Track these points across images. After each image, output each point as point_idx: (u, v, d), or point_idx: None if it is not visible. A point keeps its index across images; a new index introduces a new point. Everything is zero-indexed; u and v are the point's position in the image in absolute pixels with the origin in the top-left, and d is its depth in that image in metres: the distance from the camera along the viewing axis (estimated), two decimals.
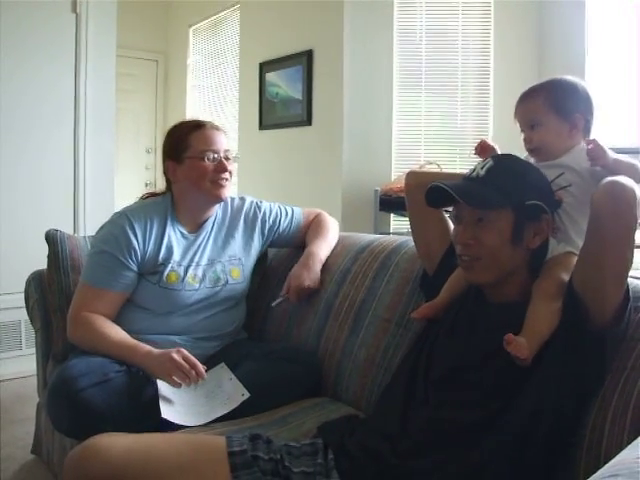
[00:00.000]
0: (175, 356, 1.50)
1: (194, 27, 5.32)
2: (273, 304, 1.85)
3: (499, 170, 1.21)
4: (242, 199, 1.92)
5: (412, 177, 1.52)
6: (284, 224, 1.94)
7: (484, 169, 1.21)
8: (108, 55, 3.40)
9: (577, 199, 1.23)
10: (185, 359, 1.51)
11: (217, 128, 1.78)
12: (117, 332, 1.63)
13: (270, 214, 1.92)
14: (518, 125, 1.36)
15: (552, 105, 1.28)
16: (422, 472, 1.11)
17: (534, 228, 1.19)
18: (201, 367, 1.52)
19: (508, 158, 1.26)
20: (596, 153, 1.18)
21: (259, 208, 1.91)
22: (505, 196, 1.17)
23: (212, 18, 5.04)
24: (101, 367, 1.49)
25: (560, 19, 3.41)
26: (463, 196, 1.17)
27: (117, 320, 1.68)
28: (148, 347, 1.59)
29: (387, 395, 1.36)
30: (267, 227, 1.91)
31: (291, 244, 2.00)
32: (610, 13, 3.23)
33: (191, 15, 5.31)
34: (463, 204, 1.19)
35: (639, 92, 3.02)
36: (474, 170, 1.24)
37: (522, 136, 1.35)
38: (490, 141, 1.42)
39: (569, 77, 1.33)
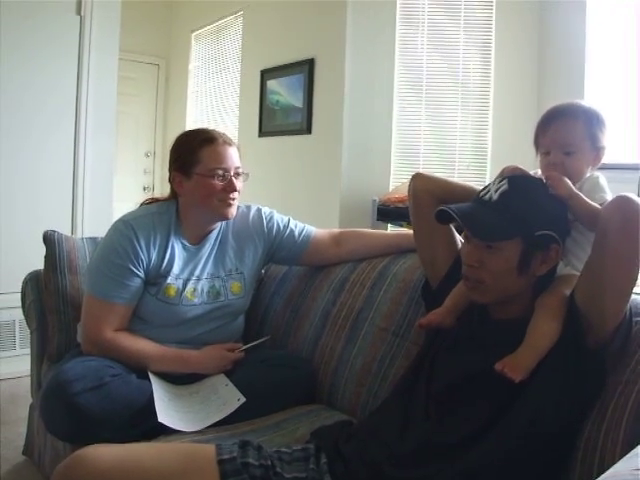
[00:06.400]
0: (226, 353, 1.70)
1: (196, 32, 5.34)
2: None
3: (513, 195, 1.17)
4: (248, 207, 1.85)
5: (419, 180, 1.46)
6: (292, 232, 1.84)
7: (498, 192, 1.19)
8: (111, 58, 3.41)
9: (580, 231, 1.23)
10: (230, 349, 1.72)
11: (230, 143, 1.69)
12: (152, 346, 1.65)
13: (278, 222, 1.84)
14: (539, 145, 1.29)
15: (588, 132, 1.23)
16: None
17: (542, 256, 1.18)
18: (238, 346, 1.77)
19: (524, 182, 1.22)
20: (554, 182, 1.18)
21: (265, 215, 1.84)
22: (516, 226, 1.15)
23: (215, 24, 5.06)
24: (96, 371, 1.48)
25: (562, 34, 3.43)
26: (472, 227, 1.18)
27: None
28: (187, 352, 1.68)
29: (387, 405, 1.36)
30: (273, 234, 1.83)
31: (301, 259, 1.88)
32: (612, 26, 3.24)
33: (194, 20, 5.33)
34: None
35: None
36: (488, 191, 1.21)
37: (540, 156, 1.29)
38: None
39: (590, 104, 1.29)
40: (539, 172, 1.29)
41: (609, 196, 1.20)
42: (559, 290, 1.20)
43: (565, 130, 1.24)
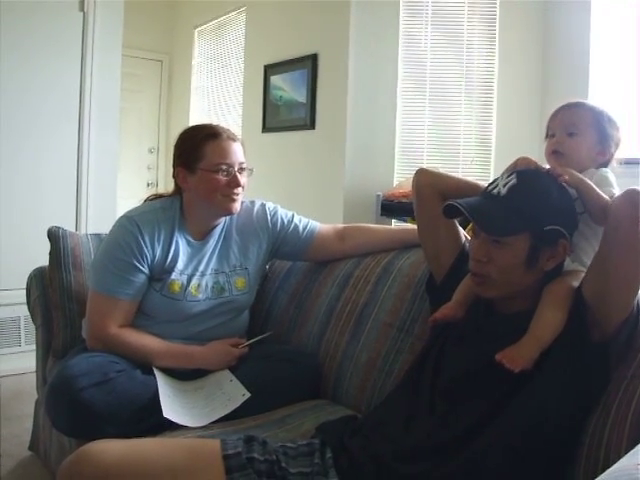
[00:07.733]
0: (230, 348, 1.70)
1: (199, 28, 5.33)
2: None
3: (522, 190, 1.18)
4: (252, 202, 1.84)
5: (423, 175, 1.47)
6: (297, 228, 1.83)
7: (506, 187, 1.19)
8: (114, 54, 3.41)
9: (588, 225, 1.23)
10: (234, 345, 1.71)
11: (234, 139, 1.69)
12: (157, 342, 1.65)
13: (282, 217, 1.83)
14: (548, 129, 1.34)
15: (597, 124, 1.29)
16: (422, 476, 1.12)
17: (550, 252, 1.18)
18: (242, 341, 1.75)
19: (533, 176, 1.21)
20: (560, 171, 1.20)
21: (269, 210, 1.83)
22: (524, 221, 1.15)
23: (218, 20, 5.05)
24: (101, 367, 1.48)
25: (566, 32, 3.41)
26: (480, 221, 1.18)
27: None
28: (192, 347, 1.68)
29: (391, 400, 1.36)
30: (277, 229, 1.82)
31: (305, 255, 1.88)
32: (616, 23, 3.23)
33: (197, 16, 5.32)
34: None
35: None
36: (496, 185, 1.21)
37: (546, 140, 1.34)
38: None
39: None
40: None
41: (617, 191, 1.21)
42: (567, 281, 1.20)
43: (572, 113, 1.31)
